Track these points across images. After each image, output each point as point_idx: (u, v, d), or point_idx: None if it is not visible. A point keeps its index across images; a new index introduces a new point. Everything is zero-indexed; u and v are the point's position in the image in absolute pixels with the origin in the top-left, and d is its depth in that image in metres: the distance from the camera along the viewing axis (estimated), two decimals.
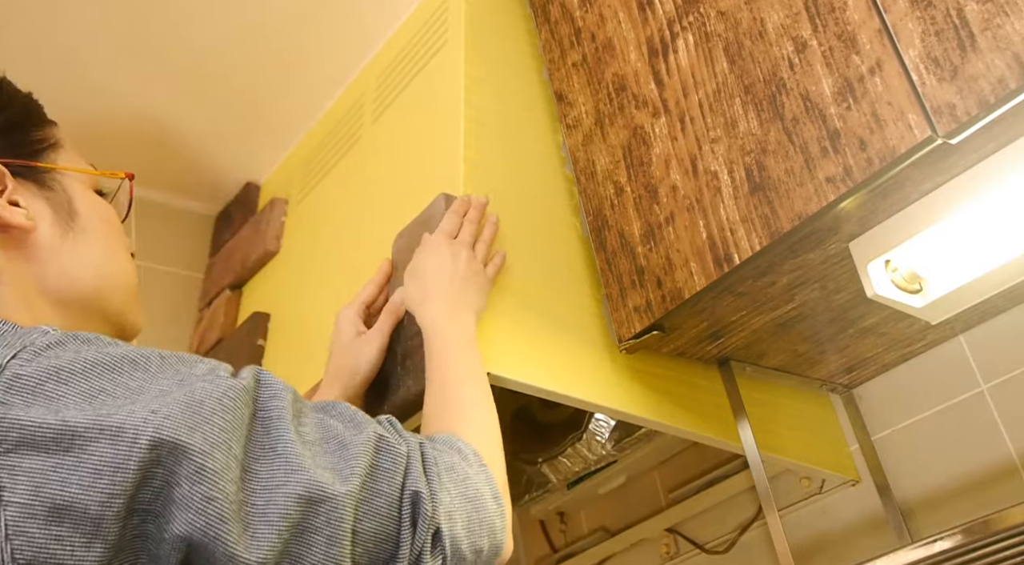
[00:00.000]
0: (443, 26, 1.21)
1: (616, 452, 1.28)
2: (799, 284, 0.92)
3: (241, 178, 1.64)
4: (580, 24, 1.10)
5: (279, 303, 1.31)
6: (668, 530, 1.35)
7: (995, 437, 1.04)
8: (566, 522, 1.52)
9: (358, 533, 0.60)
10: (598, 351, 0.98)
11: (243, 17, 1.35)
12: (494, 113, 1.09)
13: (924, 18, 0.73)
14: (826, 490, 1.18)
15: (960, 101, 0.70)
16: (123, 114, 1.46)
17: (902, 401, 1.14)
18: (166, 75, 1.42)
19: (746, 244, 0.84)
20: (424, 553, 0.63)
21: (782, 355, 1.07)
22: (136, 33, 1.34)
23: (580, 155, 1.06)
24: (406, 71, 1.26)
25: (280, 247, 1.41)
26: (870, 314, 1.01)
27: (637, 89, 0.99)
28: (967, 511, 1.04)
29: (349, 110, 1.39)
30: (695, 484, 1.32)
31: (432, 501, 0.64)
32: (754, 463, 0.99)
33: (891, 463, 1.13)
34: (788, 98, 0.82)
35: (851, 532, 1.15)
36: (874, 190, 0.78)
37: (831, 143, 0.78)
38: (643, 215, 0.95)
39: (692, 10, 0.94)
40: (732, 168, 0.86)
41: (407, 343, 0.90)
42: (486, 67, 1.14)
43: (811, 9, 0.82)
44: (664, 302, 0.91)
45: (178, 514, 0.52)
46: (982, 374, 1.07)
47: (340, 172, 1.33)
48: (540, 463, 1.34)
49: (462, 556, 0.66)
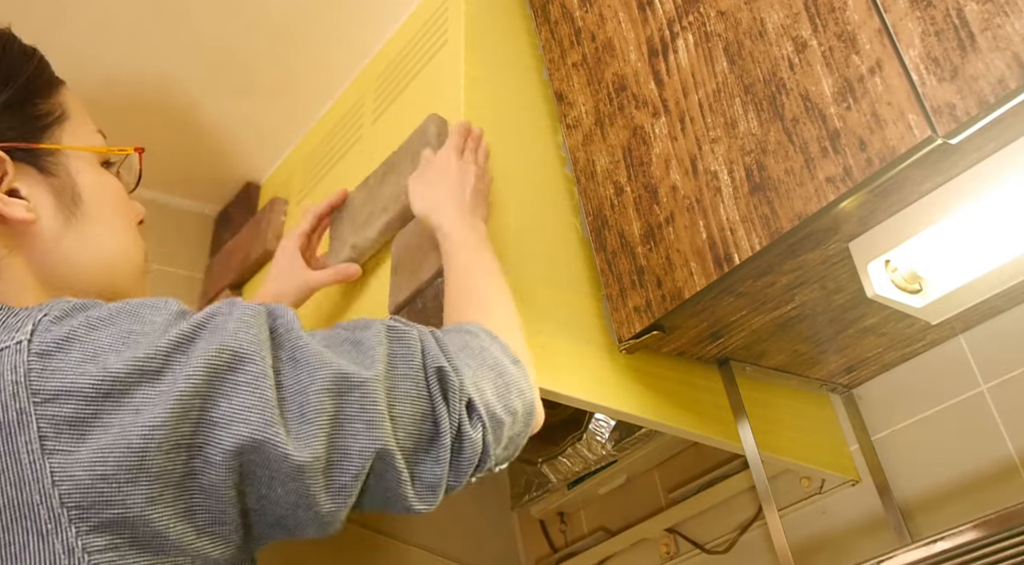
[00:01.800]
0: (443, 26, 1.21)
1: (616, 452, 1.28)
2: (799, 284, 0.92)
3: (241, 178, 1.64)
4: (580, 24, 1.10)
5: None
6: (668, 530, 1.35)
7: (995, 437, 1.04)
8: (566, 522, 1.52)
9: (395, 419, 0.61)
10: (598, 351, 0.98)
11: (243, 17, 1.35)
12: (494, 113, 1.09)
13: (924, 18, 0.73)
14: (826, 490, 1.18)
15: (960, 101, 0.70)
16: (122, 114, 1.46)
17: (902, 401, 1.14)
18: (166, 75, 1.42)
19: (746, 244, 0.84)
20: (464, 424, 0.65)
21: (782, 355, 1.07)
22: (136, 33, 1.34)
23: (580, 155, 1.06)
24: (406, 71, 1.26)
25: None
26: (870, 314, 1.01)
27: (637, 89, 0.99)
28: (967, 511, 1.04)
29: (349, 110, 1.39)
30: (695, 484, 1.32)
31: (457, 374, 0.65)
32: (754, 463, 0.99)
33: (891, 463, 1.13)
34: (788, 98, 0.82)
35: (851, 532, 1.15)
36: (874, 190, 0.78)
37: (831, 143, 0.78)
38: (643, 215, 0.95)
39: (692, 10, 0.94)
40: (732, 168, 0.86)
41: None
42: (486, 67, 1.14)
43: (811, 9, 0.82)
44: (664, 302, 0.91)
45: (222, 433, 0.53)
46: (982, 374, 1.07)
47: (340, 172, 1.33)
48: (540, 463, 1.34)
49: (499, 420, 0.68)
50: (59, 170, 0.68)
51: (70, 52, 1.34)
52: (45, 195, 0.67)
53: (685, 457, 1.35)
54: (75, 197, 0.68)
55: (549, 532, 1.54)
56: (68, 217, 0.68)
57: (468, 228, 0.87)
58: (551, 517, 1.53)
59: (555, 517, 1.52)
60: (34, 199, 0.66)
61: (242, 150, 1.58)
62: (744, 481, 1.25)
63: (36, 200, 0.66)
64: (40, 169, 0.67)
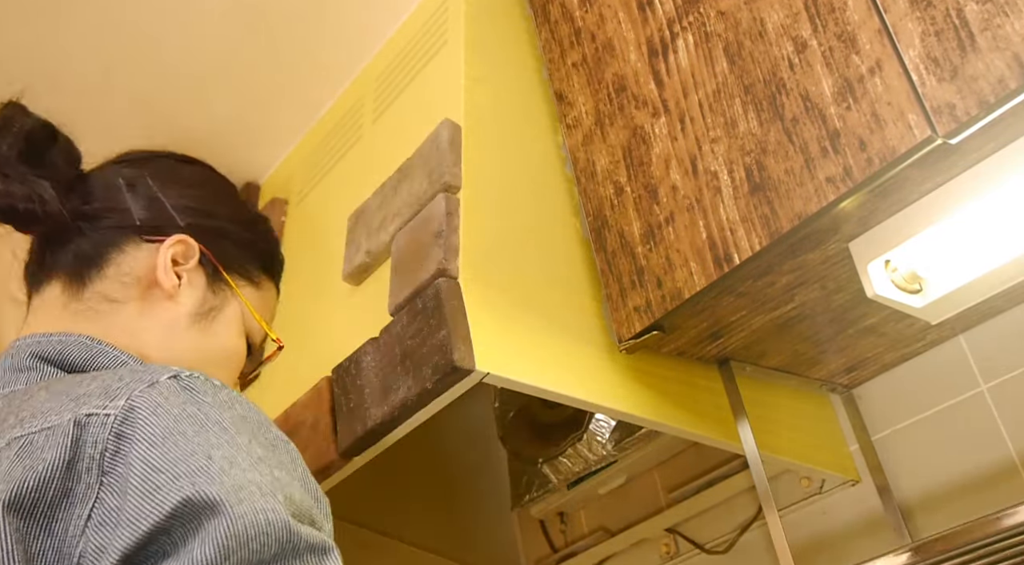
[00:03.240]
0: (443, 26, 1.21)
1: (616, 452, 1.28)
2: (799, 284, 0.92)
3: (241, 178, 1.63)
4: (580, 24, 1.10)
5: (279, 303, 1.31)
6: (668, 530, 1.35)
7: (995, 437, 1.04)
8: (566, 522, 1.52)
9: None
10: (598, 351, 0.98)
11: (243, 17, 1.35)
12: (494, 113, 1.09)
13: (924, 18, 0.73)
14: (826, 490, 1.18)
15: (960, 101, 0.70)
16: (122, 114, 1.46)
17: (902, 401, 1.14)
18: (166, 76, 1.42)
19: (746, 244, 0.84)
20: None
21: (782, 355, 1.07)
22: (135, 33, 1.34)
23: (580, 155, 1.06)
24: (406, 71, 1.26)
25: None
26: (870, 314, 1.01)
27: (637, 89, 0.99)
28: (967, 511, 1.04)
29: (349, 110, 1.39)
30: (695, 484, 1.32)
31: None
32: (754, 463, 0.99)
33: (891, 463, 1.13)
34: (788, 98, 0.82)
35: (851, 532, 1.15)
36: (874, 190, 0.78)
37: (831, 143, 0.78)
38: (643, 215, 0.95)
39: (692, 10, 0.94)
40: (732, 168, 0.86)
41: (407, 343, 0.90)
42: (486, 67, 1.14)
43: (811, 9, 0.82)
44: (664, 302, 0.91)
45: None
46: (982, 374, 1.07)
47: (340, 172, 1.33)
48: (540, 463, 1.34)
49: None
50: (220, 294, 0.81)
51: (71, 52, 1.34)
52: (196, 297, 0.78)
53: (685, 457, 1.35)
54: (212, 318, 0.79)
55: (549, 532, 1.54)
56: (194, 322, 0.77)
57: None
58: (551, 517, 1.53)
59: (555, 517, 1.52)
60: (186, 288, 0.78)
61: (242, 150, 1.58)
62: (744, 481, 1.25)
63: (187, 290, 0.78)
64: (210, 282, 0.80)
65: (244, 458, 0.54)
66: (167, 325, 0.76)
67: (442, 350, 0.84)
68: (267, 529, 0.50)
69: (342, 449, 0.93)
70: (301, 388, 1.07)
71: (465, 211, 0.96)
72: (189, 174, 0.87)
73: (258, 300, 0.85)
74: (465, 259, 0.92)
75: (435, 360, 0.84)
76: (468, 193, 0.98)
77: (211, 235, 0.82)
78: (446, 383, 0.84)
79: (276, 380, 1.20)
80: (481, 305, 0.89)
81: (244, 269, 0.84)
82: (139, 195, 0.80)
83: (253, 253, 0.86)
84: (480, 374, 0.84)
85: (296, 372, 1.15)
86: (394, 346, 0.92)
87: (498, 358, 0.87)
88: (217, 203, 0.86)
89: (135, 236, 0.78)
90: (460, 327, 0.85)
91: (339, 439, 0.94)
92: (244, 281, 0.84)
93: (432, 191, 0.99)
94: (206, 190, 0.86)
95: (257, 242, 0.87)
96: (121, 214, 0.78)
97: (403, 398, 0.87)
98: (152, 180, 0.81)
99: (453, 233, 0.94)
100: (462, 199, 0.97)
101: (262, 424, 0.60)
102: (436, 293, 0.88)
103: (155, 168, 0.83)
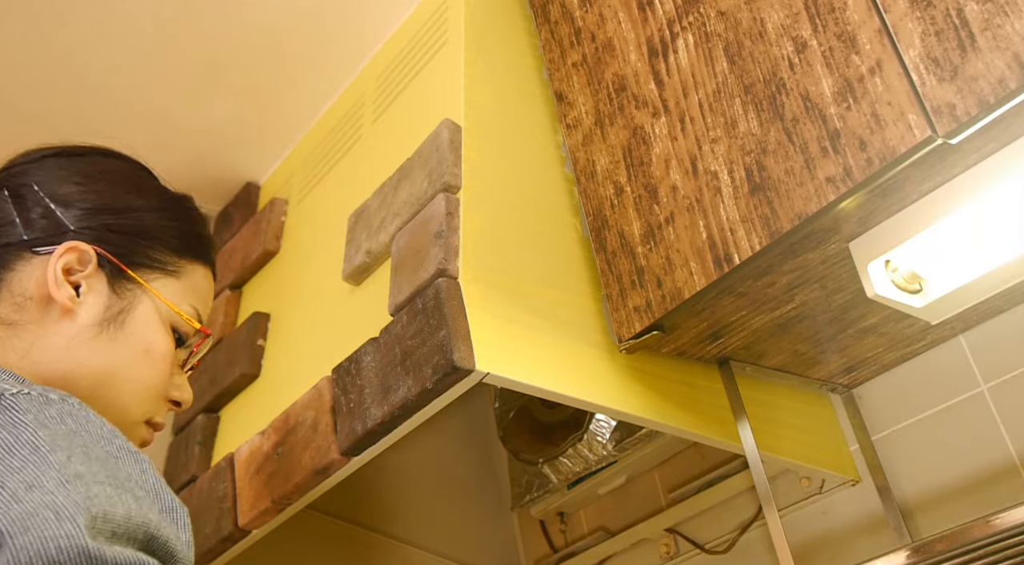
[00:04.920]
0: (443, 26, 1.21)
1: (616, 452, 1.28)
2: (799, 284, 0.92)
3: (241, 178, 1.63)
4: (580, 24, 1.10)
5: (279, 303, 1.31)
6: (668, 530, 1.35)
7: (995, 437, 1.04)
8: (566, 522, 1.52)
9: None
10: (598, 351, 0.98)
11: (243, 17, 1.35)
12: (494, 113, 1.09)
13: (924, 18, 0.73)
14: (826, 490, 1.18)
15: (960, 101, 0.70)
16: (122, 115, 1.46)
17: (902, 401, 1.14)
18: (166, 75, 1.42)
19: (746, 244, 0.84)
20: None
21: (782, 355, 1.07)
22: (135, 33, 1.34)
23: (580, 155, 1.06)
24: (406, 71, 1.26)
25: (280, 247, 1.41)
26: (870, 314, 1.01)
27: (637, 89, 0.99)
28: (967, 511, 1.04)
29: (349, 110, 1.39)
30: (695, 484, 1.32)
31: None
32: (754, 463, 0.99)
33: (891, 463, 1.13)
34: (788, 98, 0.82)
35: (851, 532, 1.15)
36: (874, 190, 0.78)
37: (831, 143, 0.78)
38: (643, 215, 0.95)
39: (692, 10, 0.94)
40: (732, 168, 0.86)
41: (407, 342, 0.90)
42: (486, 67, 1.14)
43: (811, 9, 0.82)
44: (664, 302, 0.91)
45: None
46: (982, 374, 1.07)
47: (340, 172, 1.33)
48: (541, 463, 1.34)
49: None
50: (127, 294, 0.75)
51: (70, 52, 1.34)
52: (98, 305, 0.73)
53: (685, 457, 1.35)
54: (122, 318, 0.74)
55: (549, 532, 1.54)
56: (106, 327, 0.73)
57: None
58: (551, 517, 1.53)
59: (555, 517, 1.52)
60: (86, 299, 0.72)
61: (242, 150, 1.58)
62: (744, 481, 1.25)
63: (87, 301, 0.72)
64: (112, 286, 0.75)
65: (52, 478, 0.51)
66: (69, 340, 0.71)
67: (442, 350, 0.84)
68: (57, 557, 0.47)
69: (342, 449, 0.93)
70: (301, 388, 1.07)
71: (465, 211, 0.96)
72: (84, 169, 0.80)
73: (178, 288, 0.80)
74: (465, 259, 0.92)
75: (435, 360, 0.84)
76: (468, 193, 0.98)
77: (111, 232, 0.76)
78: (446, 383, 0.84)
79: (276, 380, 1.20)
80: (481, 305, 0.90)
81: (155, 259, 0.78)
82: (25, 206, 0.75)
83: (167, 239, 0.80)
84: (480, 374, 0.84)
85: (296, 372, 1.15)
86: (394, 346, 0.92)
87: (498, 358, 0.87)
88: (117, 195, 0.79)
89: (25, 251, 0.73)
90: (460, 327, 0.85)
91: (339, 439, 0.94)
92: (157, 272, 0.78)
93: (432, 191, 0.99)
94: (104, 183, 0.80)
95: (172, 226, 0.81)
96: (5, 230, 0.74)
97: (403, 398, 0.87)
98: (40, 186, 0.76)
99: (453, 233, 0.94)
100: (462, 199, 0.97)
101: (100, 437, 0.58)
102: (436, 293, 0.88)
103: (43, 172, 0.78)
